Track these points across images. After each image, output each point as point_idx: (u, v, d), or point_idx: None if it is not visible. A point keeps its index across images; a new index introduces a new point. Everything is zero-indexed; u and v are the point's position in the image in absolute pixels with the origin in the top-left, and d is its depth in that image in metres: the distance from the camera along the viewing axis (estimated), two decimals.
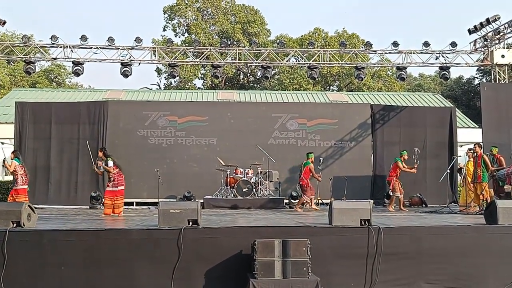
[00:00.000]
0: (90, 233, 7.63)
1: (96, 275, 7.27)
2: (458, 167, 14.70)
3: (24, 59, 15.82)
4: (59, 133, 16.10)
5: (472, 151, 12.80)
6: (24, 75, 33.56)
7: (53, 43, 15.72)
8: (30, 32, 44.40)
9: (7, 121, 21.18)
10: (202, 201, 13.98)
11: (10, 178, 17.24)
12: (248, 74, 42.57)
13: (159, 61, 17.12)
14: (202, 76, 40.64)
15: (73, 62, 15.73)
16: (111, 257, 7.32)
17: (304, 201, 13.70)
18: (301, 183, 13.73)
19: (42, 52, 17.43)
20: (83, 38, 15.61)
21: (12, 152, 12.66)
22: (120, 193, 11.50)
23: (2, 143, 18.52)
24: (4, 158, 12.26)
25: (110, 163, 11.62)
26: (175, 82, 39.67)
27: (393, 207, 13.54)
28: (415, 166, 13.44)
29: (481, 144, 12.98)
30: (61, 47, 15.71)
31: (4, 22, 15.31)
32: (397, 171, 13.51)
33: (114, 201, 11.35)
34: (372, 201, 8.75)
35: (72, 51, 15.75)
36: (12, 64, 36.57)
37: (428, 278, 7.74)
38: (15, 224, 7.35)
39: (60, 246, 7.30)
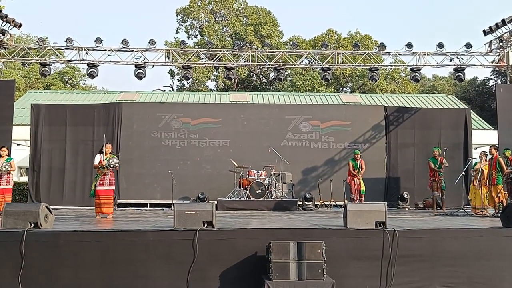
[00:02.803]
0: (106, 234, 7.70)
1: (112, 276, 7.33)
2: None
3: (39, 61, 15.96)
4: (73, 134, 16.25)
5: (485, 153, 12.73)
6: (38, 77, 33.90)
7: (68, 46, 15.83)
8: (45, 35, 44.91)
9: (22, 122, 21.40)
10: (215, 202, 14.02)
11: (25, 179, 17.42)
12: (261, 76, 42.60)
13: (172, 63, 17.18)
14: (215, 78, 40.77)
15: (88, 64, 15.83)
16: (127, 258, 7.37)
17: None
18: None
19: (57, 55, 17.60)
20: (98, 40, 15.69)
21: None
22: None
23: (18, 145, 18.70)
24: None
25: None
26: (188, 84, 39.84)
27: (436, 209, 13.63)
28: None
29: (497, 146, 12.87)
30: (76, 49, 15.81)
31: (20, 25, 15.46)
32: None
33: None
34: (386, 203, 8.70)
35: (86, 53, 15.85)
36: (27, 66, 36.92)
37: (443, 281, 7.69)
38: (32, 225, 7.43)
39: (77, 246, 7.37)
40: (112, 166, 11.10)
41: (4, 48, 15.85)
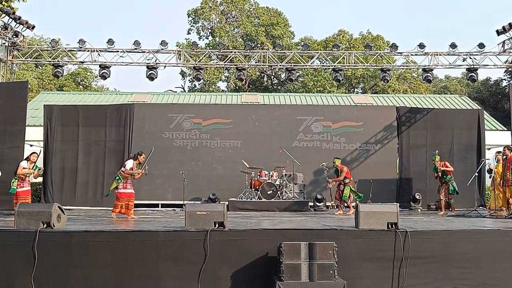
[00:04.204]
0: (118, 234, 7.74)
1: (124, 276, 7.39)
2: (489, 167, 14.46)
3: (52, 62, 16.09)
4: (86, 135, 16.34)
5: (501, 153, 12.60)
6: (51, 79, 34.14)
7: (80, 47, 15.94)
8: (57, 36, 45.26)
9: (35, 123, 21.55)
10: (226, 203, 14.02)
11: (39, 180, 17.54)
12: (272, 77, 42.58)
13: (184, 64, 17.23)
14: (226, 78, 40.81)
15: (100, 66, 15.92)
16: (138, 258, 7.42)
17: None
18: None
19: (69, 56, 17.72)
20: (110, 42, 15.79)
21: None
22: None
23: (31, 145, 18.84)
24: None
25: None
26: (199, 84, 39.92)
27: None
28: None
29: (511, 147, 12.74)
30: (88, 50, 15.91)
31: (33, 27, 15.60)
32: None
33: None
34: (398, 204, 8.64)
35: (99, 54, 15.95)
36: (40, 67, 37.23)
37: (456, 283, 7.65)
38: (45, 225, 7.49)
39: (89, 246, 7.43)
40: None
41: (18, 50, 16.01)
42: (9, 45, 15.51)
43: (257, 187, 14.89)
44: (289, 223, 9.80)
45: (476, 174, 13.38)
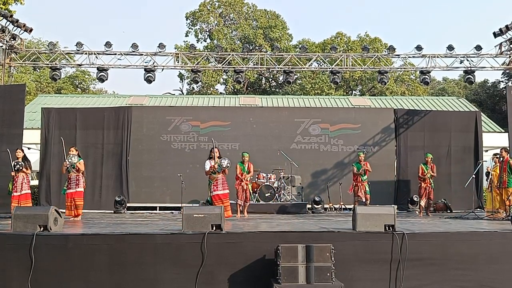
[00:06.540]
0: (115, 237, 7.72)
1: (121, 279, 7.37)
2: (486, 170, 14.48)
3: (50, 65, 16.08)
4: (83, 138, 16.30)
5: (498, 155, 12.62)
6: (49, 81, 34.13)
7: (78, 50, 15.93)
8: (55, 39, 45.28)
9: (33, 126, 21.53)
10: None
11: (36, 182, 17.53)
12: (270, 79, 42.60)
13: (182, 67, 17.23)
14: (224, 81, 40.82)
15: (97, 68, 15.91)
16: (136, 261, 7.41)
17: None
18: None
19: (67, 59, 17.71)
20: (108, 44, 15.77)
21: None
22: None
23: (29, 148, 18.82)
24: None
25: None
26: (197, 87, 39.92)
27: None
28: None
29: (508, 148, 12.77)
30: (86, 53, 15.91)
31: (31, 30, 15.59)
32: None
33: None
34: (396, 207, 8.63)
35: (96, 57, 15.94)
36: (38, 70, 37.21)
37: (453, 285, 7.65)
38: (42, 228, 7.47)
39: (86, 250, 7.41)
40: (224, 166, 11.90)
41: (15, 53, 16.00)
42: (7, 48, 15.50)
43: (255, 190, 14.88)
44: (286, 226, 9.80)
45: (474, 176, 13.39)
